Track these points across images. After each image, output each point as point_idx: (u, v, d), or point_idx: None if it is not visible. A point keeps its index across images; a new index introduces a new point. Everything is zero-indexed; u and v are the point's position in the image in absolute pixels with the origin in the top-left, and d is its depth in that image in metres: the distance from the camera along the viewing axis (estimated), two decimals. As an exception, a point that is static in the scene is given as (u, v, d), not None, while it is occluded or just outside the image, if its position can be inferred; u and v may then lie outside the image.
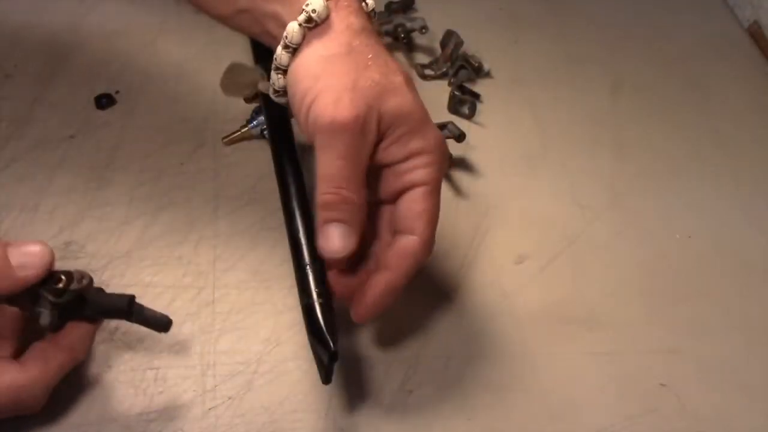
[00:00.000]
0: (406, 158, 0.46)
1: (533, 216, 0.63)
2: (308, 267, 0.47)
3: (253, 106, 0.66)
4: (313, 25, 0.46)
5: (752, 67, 0.81)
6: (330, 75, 0.45)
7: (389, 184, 0.47)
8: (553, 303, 0.56)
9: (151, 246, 0.57)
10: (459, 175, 0.66)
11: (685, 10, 0.87)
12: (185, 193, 0.61)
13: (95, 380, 0.49)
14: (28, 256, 0.42)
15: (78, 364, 0.46)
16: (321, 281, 0.46)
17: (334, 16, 0.46)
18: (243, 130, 0.65)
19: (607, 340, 0.54)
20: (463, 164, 0.66)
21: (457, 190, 0.64)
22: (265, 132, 0.63)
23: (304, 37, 0.46)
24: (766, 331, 0.56)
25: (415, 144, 0.46)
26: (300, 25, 0.46)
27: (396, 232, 0.46)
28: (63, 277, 0.43)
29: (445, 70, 0.75)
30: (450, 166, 0.66)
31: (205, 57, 0.73)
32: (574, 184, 0.66)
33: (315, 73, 0.45)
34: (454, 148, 0.65)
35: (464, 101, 0.71)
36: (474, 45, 0.77)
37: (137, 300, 0.45)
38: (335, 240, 0.45)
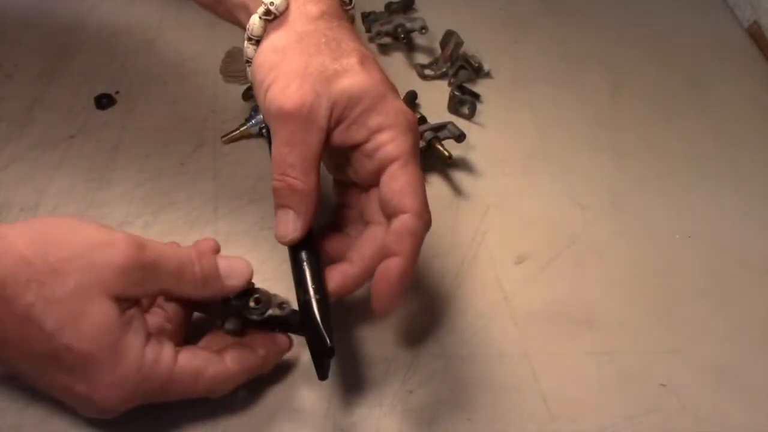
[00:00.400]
0: (369, 137, 0.46)
1: (533, 216, 0.63)
2: (305, 263, 0.47)
3: (252, 104, 0.66)
4: (273, 18, 0.47)
5: (752, 67, 0.81)
6: (283, 64, 0.46)
7: (364, 166, 0.47)
8: (553, 303, 0.56)
9: (151, 246, 0.57)
10: (459, 175, 0.66)
11: (685, 11, 0.87)
12: (185, 193, 0.61)
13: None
14: (234, 269, 0.46)
15: (261, 374, 0.48)
16: (317, 277, 0.46)
17: (292, 6, 0.47)
18: (242, 129, 0.65)
19: (608, 340, 0.54)
20: (463, 164, 0.66)
21: (457, 190, 0.64)
22: (264, 130, 0.63)
23: (264, 29, 0.48)
24: (766, 332, 0.56)
25: (374, 121, 0.46)
26: (260, 17, 0.47)
27: (388, 216, 0.46)
28: (258, 297, 0.47)
29: (444, 70, 0.75)
30: (450, 165, 0.66)
31: (205, 57, 0.73)
32: (574, 184, 0.66)
33: (271, 63, 0.46)
34: (454, 148, 0.65)
35: (464, 101, 0.71)
36: (474, 45, 0.77)
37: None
38: (279, 225, 0.47)
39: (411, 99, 0.71)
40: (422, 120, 0.67)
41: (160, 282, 0.43)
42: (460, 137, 0.64)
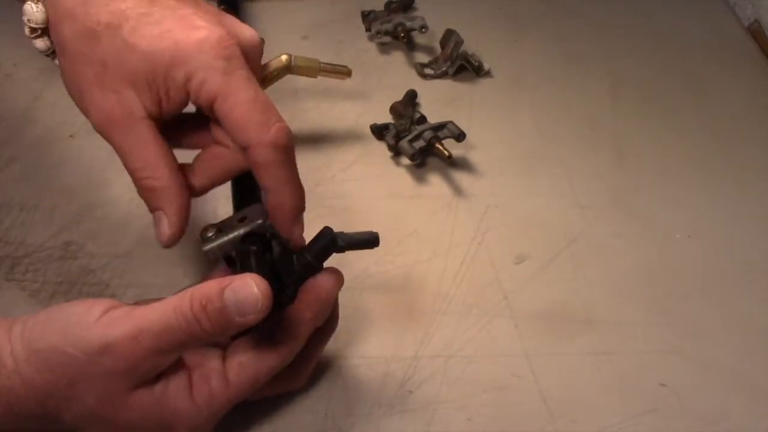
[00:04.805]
0: (187, 94, 0.42)
1: (533, 216, 0.63)
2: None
3: None
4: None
5: (752, 67, 0.81)
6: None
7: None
8: (553, 303, 0.56)
9: (151, 246, 0.57)
10: (459, 175, 0.66)
11: (686, 9, 0.87)
12: (185, 193, 0.61)
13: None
14: (244, 304, 0.39)
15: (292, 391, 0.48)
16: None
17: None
18: None
19: (608, 340, 0.54)
20: (463, 164, 0.66)
21: (457, 190, 0.64)
22: None
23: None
24: (766, 331, 0.56)
25: (179, 74, 0.41)
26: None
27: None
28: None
29: (445, 69, 0.75)
30: (450, 165, 0.66)
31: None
32: (574, 184, 0.66)
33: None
34: (454, 148, 0.65)
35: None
36: (474, 44, 0.77)
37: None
38: (155, 230, 0.45)
39: (411, 98, 0.71)
40: (422, 120, 0.67)
41: (173, 354, 0.40)
42: (460, 137, 0.64)
